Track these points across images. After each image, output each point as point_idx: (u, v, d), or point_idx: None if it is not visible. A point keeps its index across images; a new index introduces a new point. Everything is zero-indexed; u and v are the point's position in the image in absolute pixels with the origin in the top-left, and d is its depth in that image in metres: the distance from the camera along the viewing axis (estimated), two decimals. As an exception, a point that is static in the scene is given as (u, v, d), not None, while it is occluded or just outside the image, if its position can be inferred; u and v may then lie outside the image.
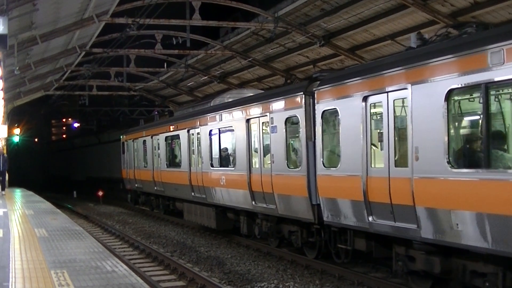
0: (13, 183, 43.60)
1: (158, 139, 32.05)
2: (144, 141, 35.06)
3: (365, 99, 14.48)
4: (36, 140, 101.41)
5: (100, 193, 49.29)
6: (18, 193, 41.55)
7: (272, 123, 19.02)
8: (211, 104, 25.67)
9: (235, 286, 16.25)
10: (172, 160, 30.28)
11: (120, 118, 67.68)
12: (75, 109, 73.00)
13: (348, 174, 15.19)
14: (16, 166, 61.72)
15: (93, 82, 44.61)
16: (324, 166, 16.29)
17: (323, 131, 16.44)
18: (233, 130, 22.30)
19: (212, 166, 24.14)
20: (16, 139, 54.44)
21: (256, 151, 20.61)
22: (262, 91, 26.40)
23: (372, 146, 14.60)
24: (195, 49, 34.28)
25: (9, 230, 18.25)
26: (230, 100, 24.79)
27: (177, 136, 28.65)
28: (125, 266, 12.34)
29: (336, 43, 27.51)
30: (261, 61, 33.31)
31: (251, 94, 23.85)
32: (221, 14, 33.34)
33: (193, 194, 26.15)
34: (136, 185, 37.40)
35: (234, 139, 22.17)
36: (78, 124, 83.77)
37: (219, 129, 23.64)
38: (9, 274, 11.52)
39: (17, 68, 25.07)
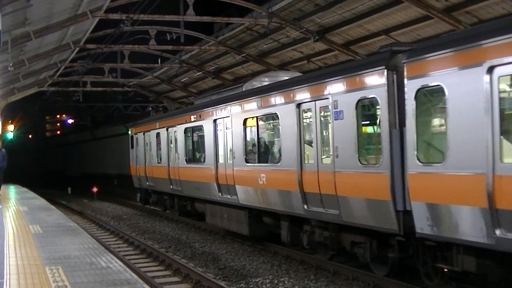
0: (8, 180, 43.55)
1: (175, 132, 28.14)
2: (158, 134, 31.22)
3: (490, 70, 10.73)
4: (30, 136, 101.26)
5: (95, 189, 49.23)
6: (12, 189, 41.51)
7: (336, 107, 15.09)
8: (243, 89, 22.03)
9: (230, 282, 16.26)
10: (193, 155, 26.38)
11: (114, 114, 67.60)
12: (69, 105, 72.84)
13: (463, 172, 11.28)
14: (10, 162, 61.75)
15: (87, 78, 44.51)
16: (420, 162, 12.39)
17: (417, 115, 12.51)
18: (277, 118, 18.50)
19: (247, 162, 20.34)
20: (10, 135, 54.33)
21: (310, 143, 16.81)
22: (303, 74, 22.44)
23: (503, 132, 10.74)
24: (189, 45, 34.22)
25: (4, 227, 18.24)
26: (267, 83, 21.54)
27: (200, 128, 24.88)
28: (120, 262, 12.35)
29: (330, 38, 27.50)
30: (255, 56, 33.28)
31: (294, 76, 20.68)
32: (215, 9, 33.24)
33: (220, 194, 22.55)
34: (147, 183, 33.63)
35: (279, 129, 18.37)
36: (73, 120, 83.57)
37: (257, 117, 19.88)
38: (3, 270, 11.51)
39: (11, 64, 25.01)
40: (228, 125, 21.91)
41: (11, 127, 53.66)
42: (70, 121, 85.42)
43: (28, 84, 41.77)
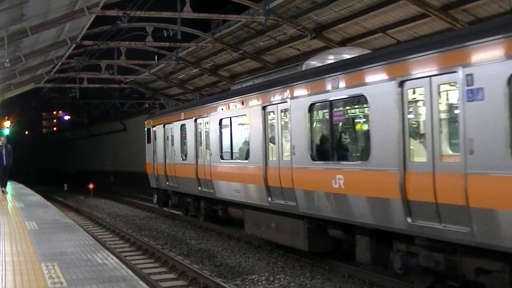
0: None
1: (206, 123, 23.93)
2: (183, 126, 26.74)
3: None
4: (26, 133, 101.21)
5: (91, 186, 49.21)
6: (8, 186, 41.45)
7: (471, 84, 10.84)
8: (303, 68, 17.76)
9: (226, 279, 16.27)
10: (231, 151, 22.03)
11: (111, 110, 67.62)
12: (66, 102, 72.77)
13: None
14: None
15: (84, 74, 44.43)
16: None
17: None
18: (364, 102, 14.00)
19: (313, 159, 15.93)
20: (6, 132, 54.29)
21: (419, 134, 12.89)
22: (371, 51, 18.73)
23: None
24: (186, 42, 34.19)
25: (0, 223, 18.21)
26: (332, 60, 17.24)
27: (243, 117, 20.84)
28: (115, 259, 12.35)
29: (327, 35, 27.48)
30: (252, 53, 33.27)
31: (362, 53, 16.92)
32: (212, 6, 33.27)
33: (269, 199, 18.22)
34: (168, 183, 29.01)
35: (368, 116, 13.85)
36: (69, 117, 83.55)
37: (331, 102, 15.28)
38: (-1, 267, 11.51)
39: (8, 60, 24.96)
40: (285, 112, 17.66)
41: (7, 123, 53.61)
42: (66, 117, 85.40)
43: (24, 80, 41.69)
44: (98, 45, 32.22)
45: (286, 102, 17.03)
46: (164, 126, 29.66)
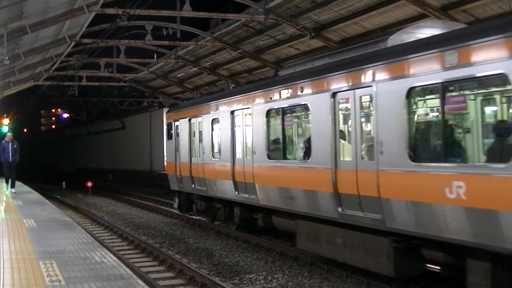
0: (1, 174, 43.34)
1: (248, 115, 20.09)
2: (215, 119, 22.99)
3: (333, 95, 14.35)
4: (25, 130, 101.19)
5: (89, 184, 49.20)
6: (4, 184, 41.41)
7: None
8: (389, 45, 14.31)
9: (223, 278, 16.27)
10: (284, 149, 18.09)
11: (109, 108, 67.61)
12: (64, 100, 72.95)
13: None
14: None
15: (83, 72, 44.41)
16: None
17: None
18: (503, 84, 10.55)
19: (414, 161, 12.27)
20: (5, 129, 54.28)
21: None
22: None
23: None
24: (185, 40, 34.20)
25: (-2, 221, 18.21)
26: (425, 35, 13.94)
27: (302, 107, 17.00)
28: (113, 257, 12.35)
29: (326, 35, 27.49)
30: (251, 52, 33.27)
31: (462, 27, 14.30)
32: (212, 5, 33.29)
33: (340, 209, 14.71)
34: (193, 185, 25.27)
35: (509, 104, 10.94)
36: (68, 115, 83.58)
37: (443, 84, 11.65)
38: (-3, 264, 11.51)
39: (7, 58, 24.95)
40: (366, 100, 14.25)
41: (6, 121, 53.61)
42: (65, 115, 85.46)
43: (23, 78, 41.68)
44: (97, 43, 32.23)
45: (370, 86, 13.57)
46: (189, 120, 25.83)
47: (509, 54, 10.15)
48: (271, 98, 18.17)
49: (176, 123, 27.66)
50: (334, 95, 14.93)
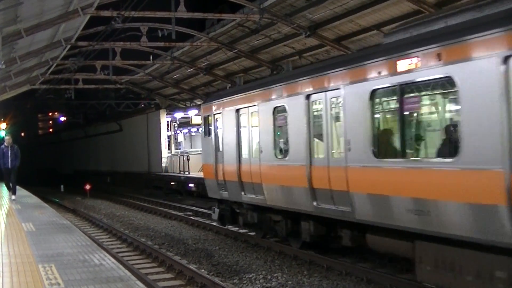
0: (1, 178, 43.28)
1: (335, 100, 15.20)
2: (278, 108, 17.94)
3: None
4: (22, 134, 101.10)
5: (88, 187, 49.18)
6: (4, 187, 41.39)
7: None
8: None
9: (223, 278, 16.28)
10: (403, 144, 13.00)
11: (106, 111, 67.59)
12: (61, 103, 72.65)
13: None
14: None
15: (79, 75, 44.44)
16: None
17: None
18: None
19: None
20: (2, 133, 54.21)
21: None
22: None
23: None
24: (180, 41, 34.22)
25: (-4, 225, 18.21)
26: None
27: (440, 84, 12.13)
28: (113, 259, 12.35)
29: (321, 33, 27.52)
30: (247, 52, 33.29)
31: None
32: (207, 5, 33.26)
33: None
34: (243, 193, 20.38)
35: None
36: (65, 118, 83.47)
37: None
38: (-4, 268, 11.51)
39: (2, 62, 24.91)
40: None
41: (3, 125, 53.59)
42: (62, 118, 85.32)
43: (19, 82, 41.65)
44: (93, 45, 32.24)
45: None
46: (237, 111, 20.70)
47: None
48: (379, 73, 13.30)
49: (217, 115, 22.46)
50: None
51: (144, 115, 54.00)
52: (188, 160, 44.45)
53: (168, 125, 51.29)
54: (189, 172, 43.20)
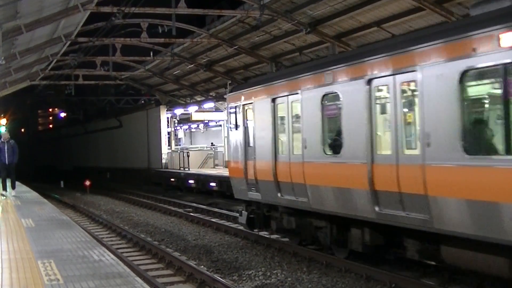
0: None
1: (409, 87, 12.89)
2: (327, 96, 15.37)
3: (273, 100, 16.68)
4: (22, 130, 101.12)
5: (87, 183, 49.15)
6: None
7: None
8: None
9: (223, 274, 16.26)
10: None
11: (106, 107, 67.63)
12: (61, 99, 72.79)
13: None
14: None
15: (79, 71, 44.43)
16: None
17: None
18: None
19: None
20: (2, 129, 54.16)
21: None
22: None
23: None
24: (181, 38, 34.21)
25: (-4, 221, 18.20)
26: None
27: None
28: (112, 255, 12.33)
29: (322, 30, 27.50)
30: (247, 49, 33.27)
31: None
32: (207, 2, 33.25)
33: None
34: (279, 194, 17.74)
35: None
36: (65, 114, 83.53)
37: None
38: (-5, 264, 11.50)
39: (2, 58, 24.90)
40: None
41: (3, 121, 53.58)
42: (62, 114, 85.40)
43: (19, 78, 41.67)
44: (93, 41, 32.18)
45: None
46: (273, 101, 18.09)
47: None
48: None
49: (247, 106, 19.89)
50: None
51: (144, 111, 53.99)
52: (188, 156, 44.47)
53: (168, 121, 51.28)
54: (189, 169, 43.20)
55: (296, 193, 16.87)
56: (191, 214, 28.86)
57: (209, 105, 43.97)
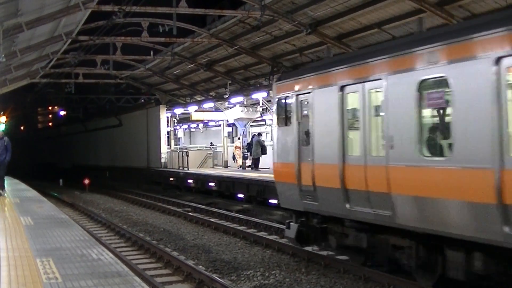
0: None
1: None
2: (425, 83, 11.79)
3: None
4: (22, 128, 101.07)
5: (86, 181, 49.13)
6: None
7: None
8: None
9: (221, 274, 16.26)
10: None
11: (106, 106, 67.62)
12: (61, 97, 72.73)
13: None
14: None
15: (80, 70, 44.42)
16: None
17: None
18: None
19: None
20: (2, 127, 54.14)
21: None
22: None
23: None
24: (181, 37, 34.21)
25: (-5, 218, 18.20)
26: None
27: None
28: (111, 254, 12.34)
29: (322, 31, 27.50)
30: (248, 49, 33.27)
31: None
32: (208, 2, 33.29)
33: None
34: (347, 205, 14.32)
35: None
36: (65, 112, 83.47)
37: None
38: (-6, 262, 11.51)
39: (3, 55, 24.89)
40: None
41: (3, 119, 53.58)
42: (62, 113, 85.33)
43: (20, 76, 41.62)
44: (93, 40, 32.21)
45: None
46: (342, 90, 14.55)
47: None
48: None
49: (302, 97, 16.41)
50: None
51: (144, 110, 53.94)
52: (187, 156, 44.44)
53: (167, 120, 51.23)
54: (188, 168, 43.17)
55: (373, 204, 13.48)
56: (190, 213, 28.85)
57: (209, 105, 43.92)
